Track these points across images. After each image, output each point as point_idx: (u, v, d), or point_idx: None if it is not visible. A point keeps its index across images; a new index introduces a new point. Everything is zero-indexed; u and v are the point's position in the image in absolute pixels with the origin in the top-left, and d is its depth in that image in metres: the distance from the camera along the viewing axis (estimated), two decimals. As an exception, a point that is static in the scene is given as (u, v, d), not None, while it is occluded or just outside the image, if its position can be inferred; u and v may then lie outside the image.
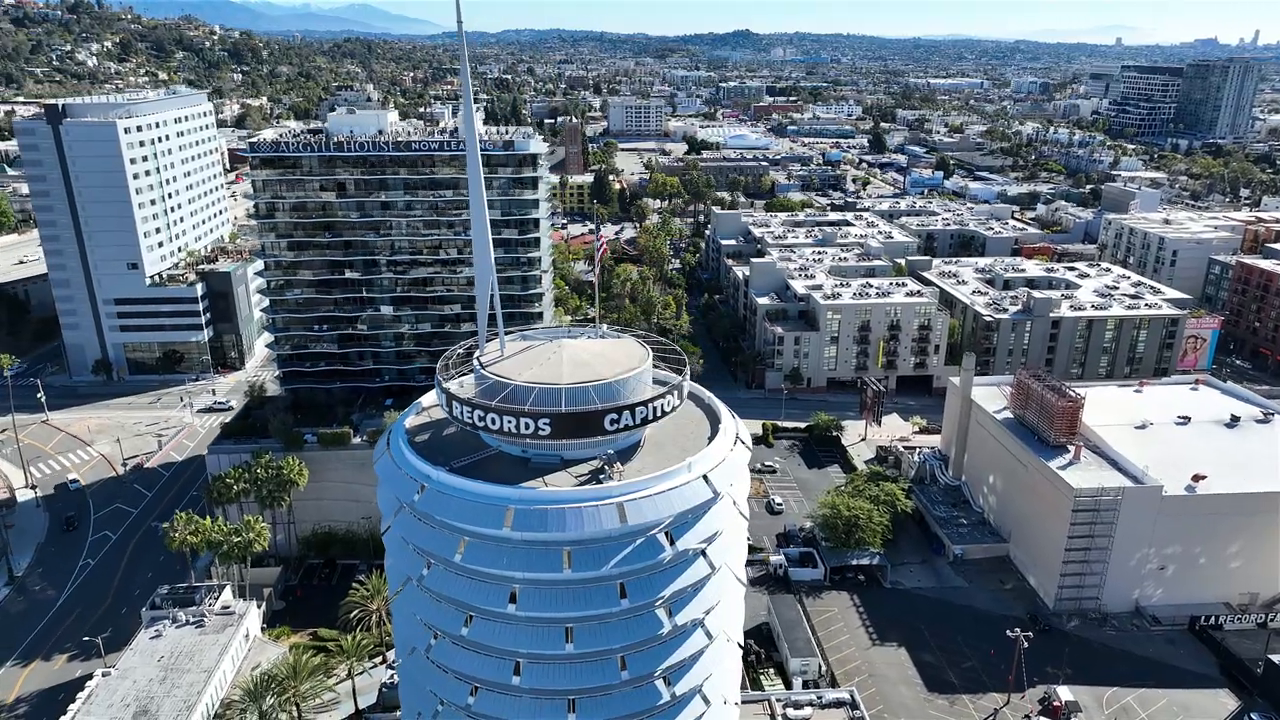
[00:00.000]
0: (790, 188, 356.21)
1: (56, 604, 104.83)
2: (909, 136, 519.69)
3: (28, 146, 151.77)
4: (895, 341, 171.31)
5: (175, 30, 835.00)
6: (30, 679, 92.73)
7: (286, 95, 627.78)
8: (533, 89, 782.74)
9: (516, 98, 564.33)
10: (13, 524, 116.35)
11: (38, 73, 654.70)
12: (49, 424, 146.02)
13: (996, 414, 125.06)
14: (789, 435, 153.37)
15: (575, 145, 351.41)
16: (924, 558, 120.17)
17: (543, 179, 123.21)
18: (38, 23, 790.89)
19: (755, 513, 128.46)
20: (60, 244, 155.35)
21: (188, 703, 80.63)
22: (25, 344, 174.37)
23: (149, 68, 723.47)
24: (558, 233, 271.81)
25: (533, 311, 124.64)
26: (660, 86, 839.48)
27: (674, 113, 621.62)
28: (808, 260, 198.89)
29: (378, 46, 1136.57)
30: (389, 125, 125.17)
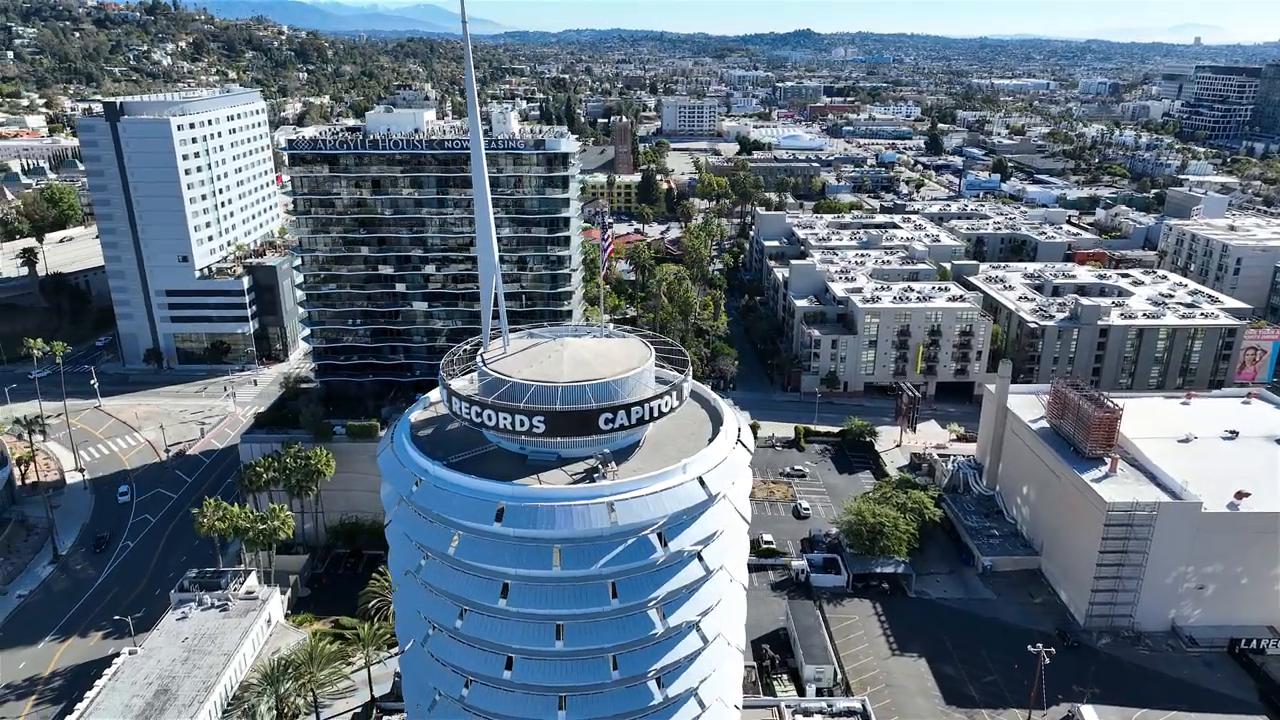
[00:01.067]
0: (841, 189, 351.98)
1: (95, 583, 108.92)
2: (968, 138, 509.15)
3: (88, 143, 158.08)
4: (935, 347, 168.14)
5: (245, 30, 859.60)
6: (66, 654, 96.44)
7: (348, 94, 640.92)
8: (589, 88, 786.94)
9: (571, 97, 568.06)
10: (59, 504, 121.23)
11: (115, 72, 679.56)
12: (101, 409, 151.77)
13: (1032, 423, 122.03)
14: (821, 440, 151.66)
15: (625, 145, 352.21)
16: (952, 568, 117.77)
17: (573, 178, 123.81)
18: (118, 24, 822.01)
19: (781, 517, 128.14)
20: (116, 236, 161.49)
21: (206, 684, 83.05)
22: (85, 332, 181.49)
23: (220, 67, 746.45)
24: (595, 231, 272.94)
25: (561, 310, 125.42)
26: (717, 86, 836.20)
27: (728, 113, 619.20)
28: (850, 263, 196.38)
29: (440, 46, 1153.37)
30: (425, 124, 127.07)
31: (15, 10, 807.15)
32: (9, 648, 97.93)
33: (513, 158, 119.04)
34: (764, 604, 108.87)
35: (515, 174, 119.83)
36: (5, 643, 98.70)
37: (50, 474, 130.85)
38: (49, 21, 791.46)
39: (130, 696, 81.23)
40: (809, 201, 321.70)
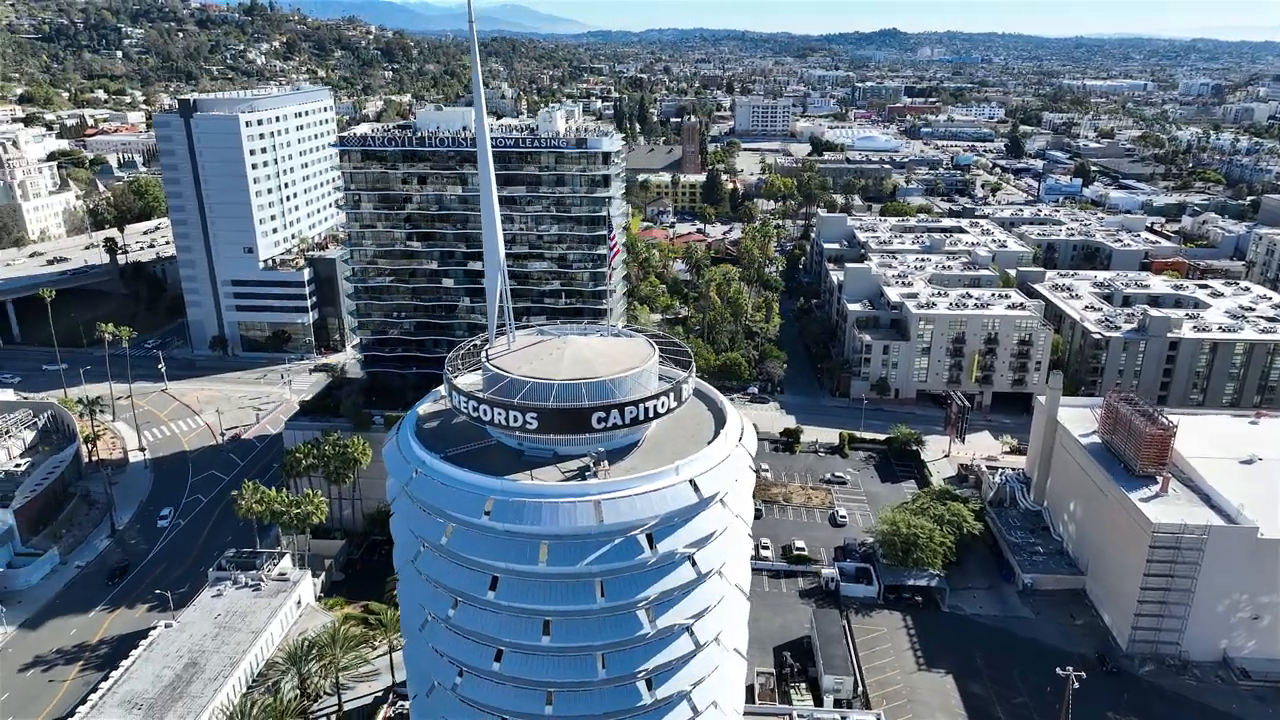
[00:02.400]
0: (912, 192, 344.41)
1: (147, 557, 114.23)
2: (1052, 141, 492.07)
3: (163, 138, 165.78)
4: (992, 356, 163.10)
5: (335, 30, 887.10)
6: (114, 624, 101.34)
7: (429, 92, 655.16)
8: (666, 88, 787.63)
9: (645, 96, 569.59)
10: (116, 482, 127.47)
11: (213, 71, 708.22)
12: (167, 393, 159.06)
13: (1083, 437, 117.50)
14: (866, 447, 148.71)
15: (693, 144, 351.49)
16: (990, 584, 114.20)
17: (615, 177, 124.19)
18: (218, 24, 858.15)
19: (817, 524, 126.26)
20: (188, 227, 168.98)
21: (233, 659, 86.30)
22: (160, 318, 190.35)
23: (310, 66, 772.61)
24: (663, 230, 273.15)
25: (601, 308, 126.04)
26: (795, 86, 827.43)
27: (804, 113, 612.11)
28: (909, 267, 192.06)
29: (522, 45, 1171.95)
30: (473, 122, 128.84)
31: (126, 13, 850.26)
32: (63, 614, 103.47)
33: (555, 156, 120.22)
34: (790, 611, 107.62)
35: (557, 173, 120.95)
36: (60, 610, 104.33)
37: (115, 452, 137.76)
38: (156, 23, 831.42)
39: (162, 667, 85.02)
40: (878, 204, 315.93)
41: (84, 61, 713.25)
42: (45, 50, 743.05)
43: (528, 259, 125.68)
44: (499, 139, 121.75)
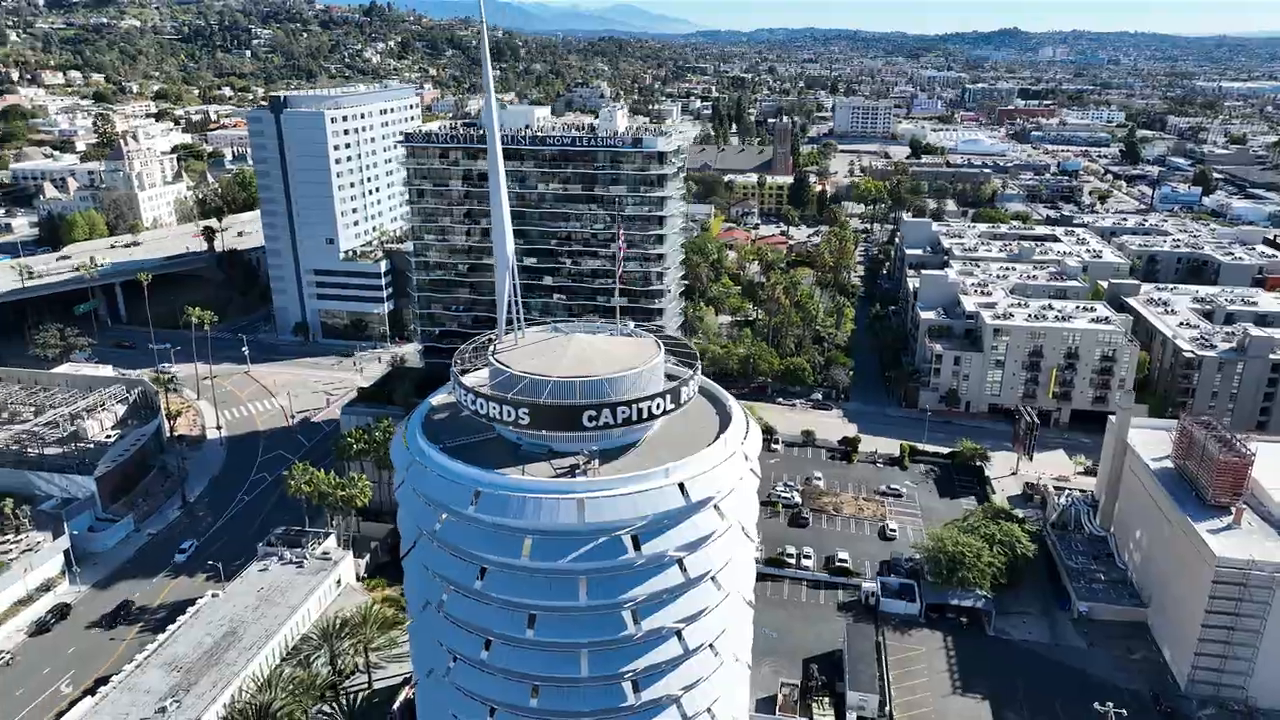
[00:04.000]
0: (1013, 198, 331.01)
1: (211, 529, 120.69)
2: (1174, 147, 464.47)
3: (255, 133, 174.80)
4: (1071, 371, 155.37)
5: (448, 30, 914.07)
6: (173, 590, 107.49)
7: (531, 91, 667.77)
8: (768, 88, 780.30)
9: (743, 97, 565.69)
10: (189, 457, 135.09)
11: (331, 69, 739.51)
12: (249, 374, 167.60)
13: (1154, 462, 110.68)
14: (928, 460, 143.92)
15: (784, 146, 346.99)
16: (1043, 609, 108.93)
17: (672, 177, 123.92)
18: (339, 25, 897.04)
19: (865, 536, 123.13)
20: (276, 218, 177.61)
21: (268, 632, 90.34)
22: (253, 303, 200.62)
23: (422, 65, 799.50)
24: (746, 232, 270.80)
25: (652, 308, 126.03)
26: (903, 87, 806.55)
27: (907, 114, 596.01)
28: (991, 276, 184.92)
29: (629, 45, 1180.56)
30: (536, 120, 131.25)
31: (256, 14, 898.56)
32: (132, 578, 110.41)
33: (611, 155, 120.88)
34: (826, 623, 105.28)
35: (613, 171, 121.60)
36: (130, 573, 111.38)
37: (194, 429, 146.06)
38: (283, 23, 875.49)
39: (203, 634, 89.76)
40: (975, 209, 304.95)
41: (216, 60, 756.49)
42: (184, 50, 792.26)
43: (582, 256, 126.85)
44: (557, 137, 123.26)
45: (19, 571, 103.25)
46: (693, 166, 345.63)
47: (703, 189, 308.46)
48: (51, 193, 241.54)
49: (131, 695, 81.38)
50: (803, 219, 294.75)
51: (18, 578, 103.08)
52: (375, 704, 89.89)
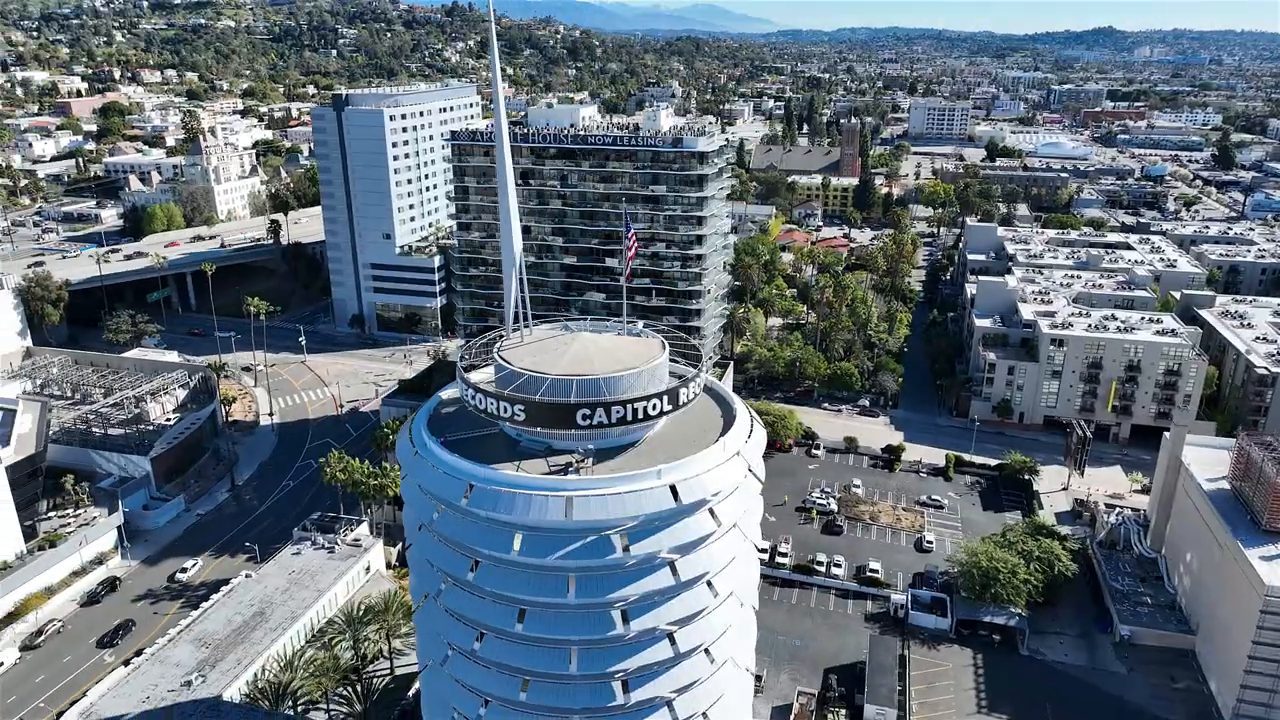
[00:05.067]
0: (1091, 203, 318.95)
1: (255, 512, 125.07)
2: (1273, 151, 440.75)
3: (319, 129, 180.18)
4: (1133, 385, 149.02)
5: (526, 30, 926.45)
6: (216, 569, 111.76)
7: (605, 90, 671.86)
8: (844, 88, 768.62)
9: (816, 97, 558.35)
10: (240, 442, 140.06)
11: (411, 68, 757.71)
12: (305, 364, 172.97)
13: (1208, 482, 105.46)
14: (975, 471, 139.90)
15: (852, 147, 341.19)
16: (1083, 631, 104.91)
17: (712, 177, 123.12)
18: (422, 25, 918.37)
19: (900, 547, 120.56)
20: (336, 213, 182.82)
21: (294, 614, 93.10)
22: (315, 295, 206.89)
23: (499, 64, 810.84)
24: (806, 234, 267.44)
25: (690, 308, 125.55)
26: (986, 88, 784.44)
27: (987, 116, 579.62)
28: (1054, 283, 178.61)
29: (706, 45, 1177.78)
30: (581, 119, 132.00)
31: (343, 15, 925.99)
32: (178, 555, 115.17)
33: (651, 155, 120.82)
34: (851, 634, 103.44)
35: (652, 171, 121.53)
36: (177, 551, 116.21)
37: (249, 415, 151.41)
38: (368, 23, 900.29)
39: (233, 613, 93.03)
40: (1051, 214, 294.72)
41: (304, 59, 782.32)
42: (274, 49, 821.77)
43: (618, 254, 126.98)
44: (599, 136, 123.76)
45: (75, 544, 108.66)
46: (758, 167, 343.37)
47: (765, 189, 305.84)
48: (136, 185, 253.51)
49: (161, 668, 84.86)
50: (866, 222, 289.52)
51: (74, 550, 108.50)
52: (394, 690, 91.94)
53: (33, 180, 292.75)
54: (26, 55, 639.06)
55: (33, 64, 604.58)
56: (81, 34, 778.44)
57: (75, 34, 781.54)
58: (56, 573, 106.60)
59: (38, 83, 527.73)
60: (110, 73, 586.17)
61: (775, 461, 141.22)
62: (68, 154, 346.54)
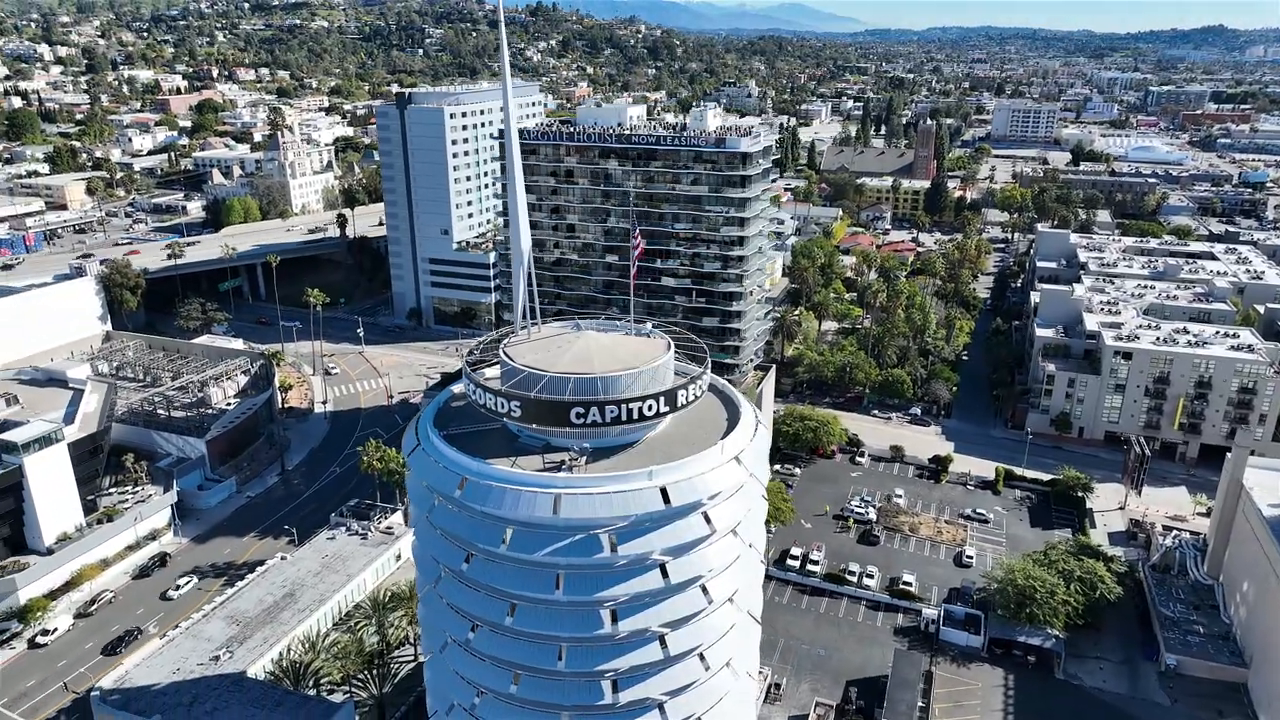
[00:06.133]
0: (1180, 210, 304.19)
1: (302, 496, 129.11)
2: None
3: (382, 127, 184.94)
4: (1202, 402, 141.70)
5: (608, 30, 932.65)
6: (258, 550, 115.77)
7: (683, 89, 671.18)
8: (929, 89, 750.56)
9: (895, 98, 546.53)
10: (289, 428, 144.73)
11: (493, 67, 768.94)
12: (362, 355, 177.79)
13: (1269, 507, 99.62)
14: (1026, 486, 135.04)
15: (926, 149, 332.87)
16: (1126, 658, 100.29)
17: (756, 178, 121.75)
18: (506, 24, 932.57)
19: (938, 560, 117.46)
20: (397, 208, 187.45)
21: (322, 597, 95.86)
22: (378, 288, 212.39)
23: (580, 63, 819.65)
24: (872, 237, 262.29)
25: (730, 310, 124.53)
26: (1079, 89, 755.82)
27: (1076, 118, 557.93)
28: (1125, 294, 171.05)
29: (789, 44, 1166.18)
30: (628, 119, 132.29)
31: (431, 15, 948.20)
32: (226, 535, 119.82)
33: (693, 155, 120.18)
34: (878, 646, 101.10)
35: (694, 172, 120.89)
36: (226, 531, 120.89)
37: (304, 403, 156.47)
38: (454, 24, 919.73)
39: (265, 593, 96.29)
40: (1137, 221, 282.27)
41: (391, 58, 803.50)
42: (363, 49, 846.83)
43: (665, 257, 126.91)
44: (642, 135, 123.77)
45: (130, 520, 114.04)
46: (828, 168, 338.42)
47: (833, 191, 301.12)
48: (218, 179, 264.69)
49: (194, 642, 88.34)
50: (937, 226, 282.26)
51: (129, 525, 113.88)
52: (415, 677, 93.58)
53: (128, 173, 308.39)
54: (135, 55, 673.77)
55: (139, 63, 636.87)
56: (187, 34, 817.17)
57: (181, 34, 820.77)
58: (112, 546, 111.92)
59: (142, 81, 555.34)
60: (209, 71, 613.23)
61: (816, 468, 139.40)
62: (163, 148, 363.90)
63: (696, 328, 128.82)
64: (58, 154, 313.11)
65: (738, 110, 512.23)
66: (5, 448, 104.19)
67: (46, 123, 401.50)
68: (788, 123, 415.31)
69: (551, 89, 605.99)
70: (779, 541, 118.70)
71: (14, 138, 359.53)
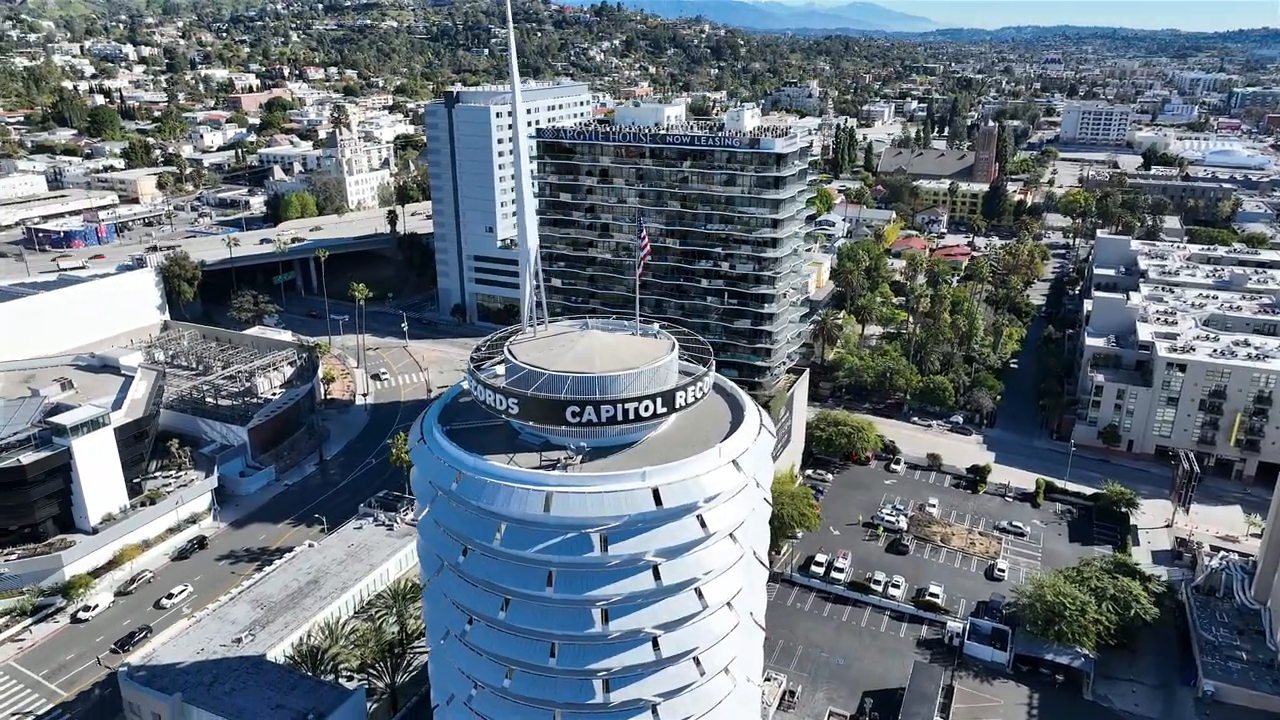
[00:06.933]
0: (1255, 217, 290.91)
1: (337, 486, 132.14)
2: None
3: (432, 125, 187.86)
4: (1261, 418, 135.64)
5: (671, 29, 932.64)
6: (291, 537, 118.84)
7: (744, 89, 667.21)
8: (998, 90, 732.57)
9: (959, 99, 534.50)
10: (328, 419, 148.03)
11: (556, 66, 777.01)
12: (406, 349, 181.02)
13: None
14: (1068, 499, 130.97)
15: (988, 151, 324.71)
16: (1161, 682, 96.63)
17: (791, 180, 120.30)
18: (571, 24, 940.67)
19: (968, 573, 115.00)
20: (444, 206, 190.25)
21: (344, 585, 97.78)
22: (426, 284, 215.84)
23: (642, 63, 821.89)
24: (926, 241, 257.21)
25: (762, 312, 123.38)
26: (1158, 90, 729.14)
27: (1152, 121, 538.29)
28: (1185, 304, 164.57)
29: (856, 44, 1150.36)
30: (665, 119, 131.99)
31: (497, 15, 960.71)
32: (262, 521, 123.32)
33: (727, 155, 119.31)
34: (898, 658, 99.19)
35: (728, 172, 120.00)
36: (261, 518, 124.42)
37: (346, 394, 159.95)
38: (519, 24, 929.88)
39: (291, 579, 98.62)
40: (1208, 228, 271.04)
41: (457, 58, 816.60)
42: (430, 48, 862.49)
43: (698, 257, 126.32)
44: (677, 136, 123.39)
45: (172, 503, 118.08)
46: (885, 170, 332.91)
47: (889, 193, 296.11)
48: (279, 175, 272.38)
49: (219, 624, 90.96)
50: (995, 230, 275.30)
51: (170, 509, 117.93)
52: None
53: (196, 168, 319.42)
54: (213, 54, 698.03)
55: (216, 62, 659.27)
56: (263, 35, 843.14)
57: (257, 35, 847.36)
58: (154, 528, 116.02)
59: (217, 79, 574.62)
60: (280, 70, 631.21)
61: (849, 475, 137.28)
62: (231, 145, 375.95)
63: (729, 329, 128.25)
64: (132, 149, 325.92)
65: (797, 110, 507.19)
66: (55, 430, 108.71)
67: (126, 120, 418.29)
68: (845, 123, 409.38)
69: (612, 89, 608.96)
70: (804, 547, 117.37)
71: (95, 134, 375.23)
